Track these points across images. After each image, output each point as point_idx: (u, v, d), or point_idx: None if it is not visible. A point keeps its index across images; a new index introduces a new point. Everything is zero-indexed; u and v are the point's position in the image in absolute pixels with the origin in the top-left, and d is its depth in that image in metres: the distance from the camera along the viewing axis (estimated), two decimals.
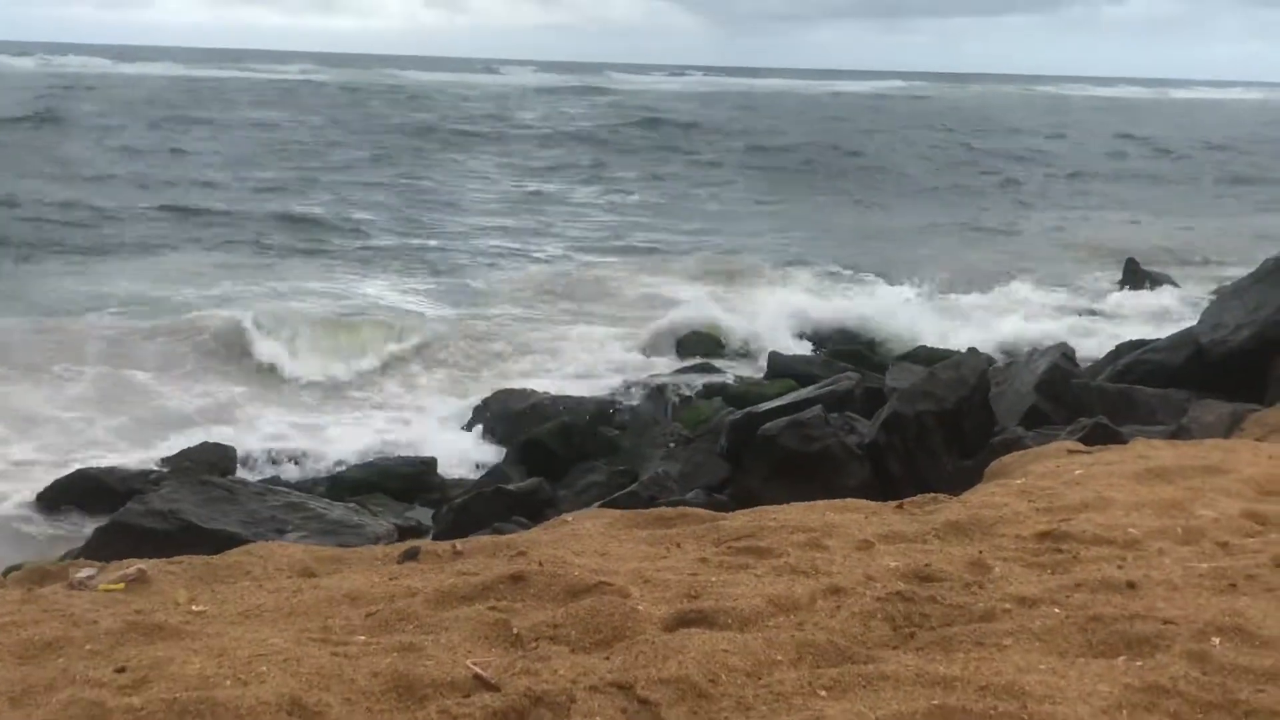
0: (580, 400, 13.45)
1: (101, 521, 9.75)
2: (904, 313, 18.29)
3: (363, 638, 3.88)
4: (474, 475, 12.08)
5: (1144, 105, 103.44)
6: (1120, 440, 7.88)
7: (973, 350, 11.20)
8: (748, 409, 11.28)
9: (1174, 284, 21.50)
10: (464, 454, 12.64)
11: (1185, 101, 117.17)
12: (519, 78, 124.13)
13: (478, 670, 3.53)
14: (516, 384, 14.44)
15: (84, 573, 4.54)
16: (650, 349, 16.78)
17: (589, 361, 16.11)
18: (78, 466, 11.53)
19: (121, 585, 4.40)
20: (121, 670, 3.57)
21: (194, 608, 4.19)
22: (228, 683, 3.44)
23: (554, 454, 11.89)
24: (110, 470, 11.44)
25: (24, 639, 3.85)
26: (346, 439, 12.89)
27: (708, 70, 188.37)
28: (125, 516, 9.35)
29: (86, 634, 3.87)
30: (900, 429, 9.63)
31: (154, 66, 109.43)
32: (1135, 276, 21.58)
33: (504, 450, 12.43)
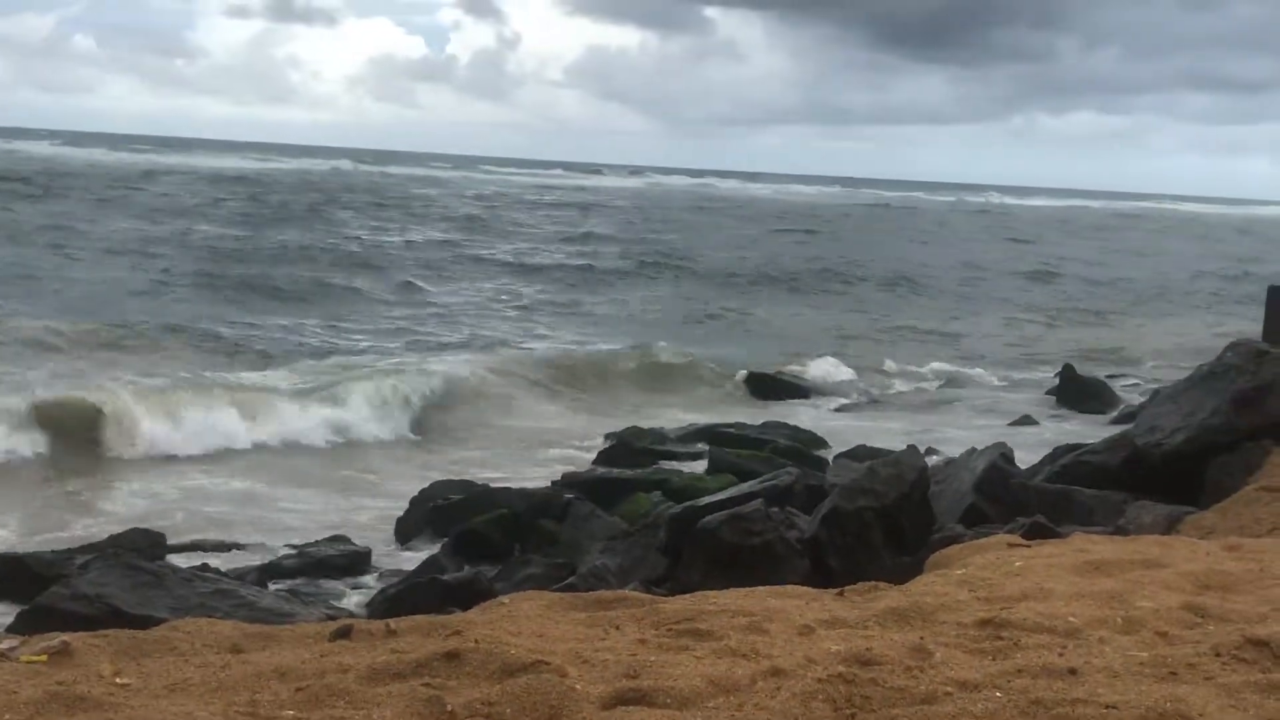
0: (519, 492, 13.33)
1: (23, 606, 9.49)
2: None
3: (291, 713, 3.78)
4: (409, 565, 11.89)
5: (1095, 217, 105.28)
6: (1059, 538, 7.87)
7: (911, 448, 11.20)
8: (687, 503, 11.22)
9: (1108, 386, 21.88)
10: (399, 544, 12.47)
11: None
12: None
13: None
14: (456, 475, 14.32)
15: (5, 644, 4.40)
16: None
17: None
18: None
19: (44, 657, 4.27)
20: None
21: (118, 680, 4.06)
22: None
23: (492, 545, 11.76)
24: (34, 554, 11.17)
25: None
26: (283, 523, 12.70)
27: (665, 171, 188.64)
28: (50, 600, 9.10)
29: (5, 703, 3.74)
30: (840, 524, 9.59)
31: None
32: (1071, 381, 21.86)
33: (440, 541, 12.27)
